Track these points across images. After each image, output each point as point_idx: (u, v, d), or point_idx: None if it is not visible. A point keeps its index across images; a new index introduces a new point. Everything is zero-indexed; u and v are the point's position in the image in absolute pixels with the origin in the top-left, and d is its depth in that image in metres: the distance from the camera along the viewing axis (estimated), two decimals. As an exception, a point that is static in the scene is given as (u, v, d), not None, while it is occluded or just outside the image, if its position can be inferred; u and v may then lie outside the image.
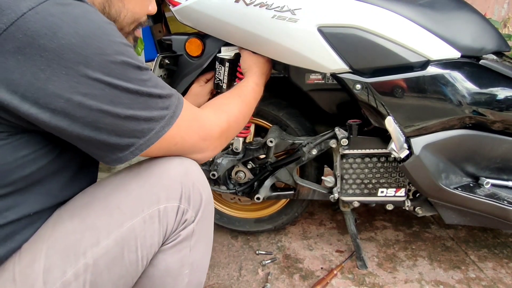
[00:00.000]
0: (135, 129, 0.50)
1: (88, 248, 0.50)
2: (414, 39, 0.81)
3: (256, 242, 1.27)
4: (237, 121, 0.72)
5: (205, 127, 0.62)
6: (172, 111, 0.54)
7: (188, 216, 0.58)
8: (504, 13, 2.19)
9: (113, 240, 0.51)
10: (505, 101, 0.83)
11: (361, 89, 0.86)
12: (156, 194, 0.55)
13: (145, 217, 0.54)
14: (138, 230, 0.53)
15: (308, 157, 1.05)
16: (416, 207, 1.02)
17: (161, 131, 0.53)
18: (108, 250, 0.51)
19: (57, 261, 0.49)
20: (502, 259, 1.15)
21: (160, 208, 0.55)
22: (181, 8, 0.90)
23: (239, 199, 1.21)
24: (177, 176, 0.57)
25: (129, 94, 0.48)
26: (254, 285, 1.06)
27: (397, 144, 0.87)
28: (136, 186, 0.56)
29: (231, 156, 1.10)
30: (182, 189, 0.57)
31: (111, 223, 0.52)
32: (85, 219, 0.52)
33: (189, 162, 0.61)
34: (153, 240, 0.55)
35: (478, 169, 0.94)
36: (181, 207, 0.57)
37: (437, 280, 1.06)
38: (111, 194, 0.55)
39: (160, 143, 0.54)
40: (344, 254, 1.19)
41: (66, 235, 0.51)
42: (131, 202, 0.54)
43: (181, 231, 0.58)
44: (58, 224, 0.52)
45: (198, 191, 0.59)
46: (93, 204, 0.54)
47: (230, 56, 0.96)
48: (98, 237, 0.51)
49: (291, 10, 0.82)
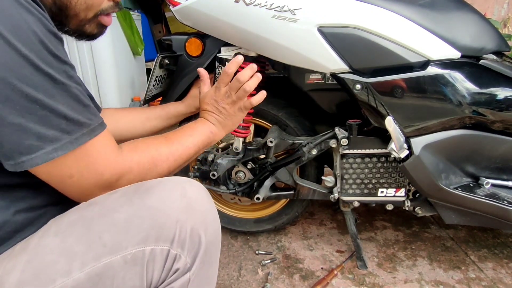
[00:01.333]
0: (20, 143, 0.44)
1: (59, 276, 0.46)
2: (414, 39, 0.81)
3: (256, 242, 1.27)
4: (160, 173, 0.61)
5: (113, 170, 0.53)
6: (74, 138, 0.47)
7: (181, 264, 0.50)
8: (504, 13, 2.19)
9: (86, 274, 0.46)
10: (505, 101, 0.83)
11: (361, 89, 0.86)
12: (145, 231, 0.48)
13: (126, 257, 0.47)
14: (117, 269, 0.47)
15: (308, 157, 1.05)
16: (416, 207, 1.02)
17: (51, 154, 0.46)
18: (78, 284, 0.46)
19: (29, 279, 0.46)
20: (502, 259, 1.15)
21: (146, 249, 0.48)
22: (181, 8, 0.90)
23: (239, 199, 1.21)
24: (174, 213, 0.50)
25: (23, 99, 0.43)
26: (254, 285, 1.06)
27: (397, 144, 0.87)
28: (126, 216, 0.49)
29: (231, 156, 1.10)
30: (176, 230, 0.49)
31: (88, 254, 0.47)
32: (66, 240, 0.48)
33: (194, 192, 0.54)
34: (133, 284, 0.48)
35: (478, 169, 0.94)
36: (172, 252, 0.49)
37: (437, 280, 1.06)
38: (98, 218, 0.49)
39: (49, 167, 0.47)
40: (344, 254, 1.19)
41: (45, 253, 0.47)
42: (115, 235, 0.48)
43: (174, 281, 0.50)
44: (45, 237, 0.49)
45: (197, 234, 0.51)
46: (78, 224, 0.49)
47: (230, 56, 0.96)
48: (70, 266, 0.46)
49: (291, 10, 0.82)
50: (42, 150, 0.45)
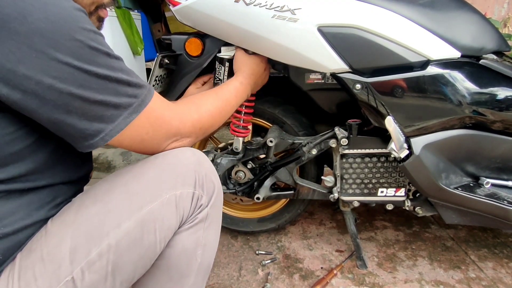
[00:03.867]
0: (103, 114, 0.51)
1: (111, 229, 0.53)
2: (414, 39, 0.81)
3: (256, 242, 1.27)
4: (211, 115, 0.72)
5: (177, 118, 0.64)
6: (141, 100, 0.56)
7: (203, 201, 0.62)
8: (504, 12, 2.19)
9: (134, 222, 0.54)
10: (505, 100, 0.83)
11: (361, 89, 0.86)
12: (173, 181, 0.58)
13: (163, 201, 0.57)
14: (157, 213, 0.56)
15: (308, 156, 1.05)
16: (416, 207, 1.02)
17: (129, 117, 0.54)
18: (129, 231, 0.54)
19: (82, 242, 0.52)
20: (502, 259, 1.15)
21: (176, 193, 0.58)
22: (181, 8, 0.90)
23: (241, 199, 1.21)
24: (191, 165, 0.61)
25: (98, 79, 0.50)
26: (254, 285, 1.06)
27: (397, 144, 0.87)
28: (154, 174, 0.59)
29: (231, 156, 1.10)
30: (196, 177, 0.60)
31: (132, 207, 0.55)
32: (107, 203, 0.55)
33: (200, 154, 0.65)
34: (170, 222, 0.58)
35: (478, 169, 0.94)
36: (196, 193, 0.60)
37: (437, 280, 1.06)
38: (131, 182, 0.58)
39: (130, 131, 0.55)
40: (344, 254, 1.19)
41: (90, 218, 0.54)
42: (150, 188, 0.57)
43: (198, 214, 0.62)
44: (82, 209, 0.55)
45: (210, 179, 0.63)
46: (114, 190, 0.57)
47: (230, 56, 0.95)
48: (119, 219, 0.54)
49: (291, 10, 0.81)
50: (121, 116, 0.53)
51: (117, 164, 1.99)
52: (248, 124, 1.06)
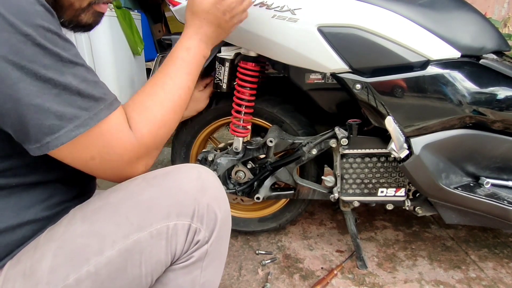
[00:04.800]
0: (42, 123, 0.45)
1: (92, 256, 0.49)
2: (414, 39, 0.81)
3: (256, 242, 1.27)
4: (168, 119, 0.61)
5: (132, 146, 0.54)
6: (93, 114, 0.48)
7: (201, 236, 0.55)
8: (504, 12, 2.19)
9: (117, 251, 0.50)
10: (505, 100, 0.83)
11: (361, 88, 0.86)
12: (168, 209, 0.52)
13: (153, 232, 0.51)
14: (144, 244, 0.51)
15: (308, 156, 1.05)
16: (416, 207, 1.02)
17: (74, 131, 0.46)
18: (111, 260, 0.50)
19: (62, 263, 0.49)
20: (503, 258, 1.15)
21: (169, 224, 0.52)
22: (181, 8, 0.90)
23: (242, 199, 1.21)
24: (191, 192, 0.54)
25: (37, 81, 0.44)
26: (254, 285, 1.06)
27: (397, 144, 0.87)
28: (148, 197, 0.53)
29: (231, 156, 1.10)
30: (196, 207, 0.53)
31: (118, 233, 0.51)
32: (94, 224, 0.51)
33: (207, 175, 0.57)
34: (159, 257, 0.52)
35: (478, 169, 0.94)
36: (193, 226, 0.53)
37: (437, 280, 1.06)
38: (123, 202, 0.53)
39: (72, 148, 0.48)
40: (344, 254, 1.19)
41: (75, 237, 0.51)
42: (141, 214, 0.52)
43: (194, 252, 0.55)
44: (71, 224, 0.52)
45: (212, 211, 0.55)
46: (104, 209, 0.53)
47: (230, 56, 0.96)
48: (103, 245, 0.50)
49: (291, 10, 0.81)
50: (64, 129, 0.46)
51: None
52: (248, 124, 1.06)
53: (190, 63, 0.65)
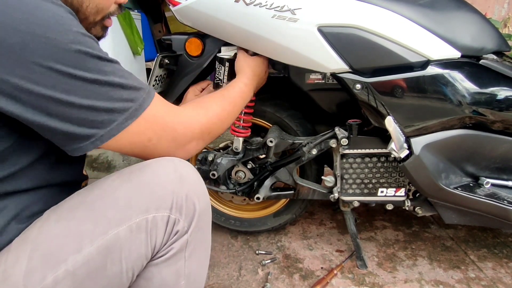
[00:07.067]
0: (94, 120, 0.49)
1: (70, 254, 0.49)
2: (414, 39, 0.81)
3: (256, 242, 1.27)
4: (219, 118, 0.70)
5: (183, 123, 0.60)
6: (138, 104, 0.53)
7: (180, 226, 0.55)
8: (504, 13, 2.19)
9: (96, 248, 0.49)
10: (505, 101, 0.83)
11: (361, 89, 0.86)
12: (146, 203, 0.53)
13: (132, 226, 0.51)
14: (123, 239, 0.51)
15: (308, 157, 1.05)
16: (416, 207, 1.02)
17: (124, 123, 0.51)
18: (90, 258, 0.49)
19: (38, 265, 0.48)
20: (502, 258, 1.15)
21: (148, 217, 0.52)
22: (181, 8, 0.90)
23: (245, 199, 1.21)
24: (169, 185, 0.54)
25: (85, 83, 0.48)
26: (254, 285, 1.06)
27: (397, 144, 0.87)
28: (125, 193, 0.53)
29: (231, 156, 1.10)
30: (174, 198, 0.54)
31: (95, 230, 0.50)
32: (70, 223, 0.51)
33: (185, 168, 0.58)
34: (139, 251, 0.52)
35: (478, 169, 0.94)
36: (172, 217, 0.54)
37: (436, 280, 1.06)
38: (99, 199, 0.53)
39: (128, 137, 0.52)
40: (344, 254, 1.19)
41: (50, 238, 0.50)
42: (118, 210, 0.52)
43: (174, 243, 0.55)
44: (45, 225, 0.51)
45: (191, 201, 0.56)
46: (80, 208, 0.53)
47: (230, 56, 0.95)
48: (80, 244, 0.49)
49: (291, 10, 0.81)
50: (115, 122, 0.50)
51: (117, 164, 1.99)
52: (249, 124, 1.06)
53: (243, 90, 0.84)
